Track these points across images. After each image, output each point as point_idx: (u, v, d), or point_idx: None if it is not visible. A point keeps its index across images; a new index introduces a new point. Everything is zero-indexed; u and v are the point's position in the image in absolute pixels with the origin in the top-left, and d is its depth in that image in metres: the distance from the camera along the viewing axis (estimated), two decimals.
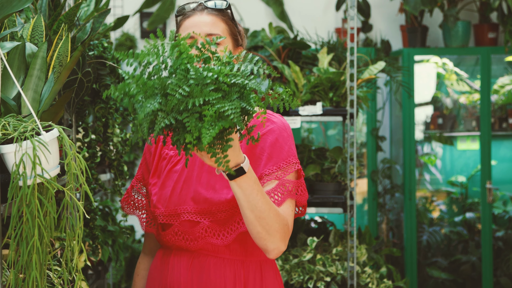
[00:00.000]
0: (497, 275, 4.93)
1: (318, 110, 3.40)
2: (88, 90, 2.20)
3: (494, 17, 5.02)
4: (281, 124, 1.96)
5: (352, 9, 3.39)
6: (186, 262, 1.94)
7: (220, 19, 1.97)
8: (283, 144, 1.92)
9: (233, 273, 1.92)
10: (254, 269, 1.95)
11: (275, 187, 1.86)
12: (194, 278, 1.93)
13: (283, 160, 1.89)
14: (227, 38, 1.96)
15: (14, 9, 1.68)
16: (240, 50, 2.03)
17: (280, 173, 1.88)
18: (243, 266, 1.94)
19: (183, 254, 1.96)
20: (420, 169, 5.46)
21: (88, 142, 2.62)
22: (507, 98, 5.12)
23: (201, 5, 1.99)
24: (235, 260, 1.94)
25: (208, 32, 1.94)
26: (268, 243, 1.79)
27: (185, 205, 1.93)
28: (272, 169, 1.88)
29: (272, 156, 1.90)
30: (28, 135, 1.54)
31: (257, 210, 1.74)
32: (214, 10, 1.98)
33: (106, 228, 3.25)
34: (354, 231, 3.35)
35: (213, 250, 1.93)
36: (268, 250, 1.81)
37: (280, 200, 1.86)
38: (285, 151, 1.91)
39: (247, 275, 1.94)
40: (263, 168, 1.89)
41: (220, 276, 1.92)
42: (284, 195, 1.87)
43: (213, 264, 1.93)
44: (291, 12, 5.21)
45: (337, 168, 3.40)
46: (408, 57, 4.82)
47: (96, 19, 2.18)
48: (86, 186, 1.62)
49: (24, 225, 1.54)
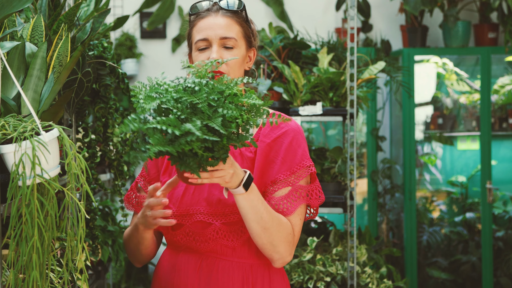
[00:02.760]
0: (497, 275, 4.93)
1: (318, 110, 3.39)
2: (88, 90, 2.20)
3: (494, 17, 5.02)
4: (295, 126, 1.96)
5: (352, 9, 3.39)
6: (194, 264, 1.93)
7: (235, 21, 1.96)
8: (297, 147, 1.93)
9: (241, 276, 1.92)
10: (262, 273, 1.95)
11: (288, 194, 1.89)
12: (202, 280, 1.92)
13: (297, 165, 1.90)
14: (240, 40, 1.96)
15: (14, 9, 1.68)
16: (253, 51, 2.02)
17: (293, 179, 1.90)
18: (251, 269, 1.94)
19: (191, 256, 1.95)
20: (420, 169, 5.45)
21: (88, 142, 2.62)
22: (507, 98, 5.12)
23: (215, 4, 1.97)
24: (243, 264, 1.93)
25: (223, 36, 1.93)
26: (273, 253, 1.86)
27: (198, 205, 1.92)
28: (286, 174, 1.90)
29: (285, 160, 1.91)
30: (27, 135, 1.54)
31: (262, 221, 1.80)
32: (228, 12, 1.96)
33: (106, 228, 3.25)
34: (354, 231, 3.35)
35: (222, 253, 1.93)
36: (273, 260, 1.88)
37: (291, 208, 1.89)
38: (299, 155, 1.92)
39: (255, 279, 1.94)
40: (277, 172, 1.90)
41: (228, 279, 1.91)
42: (296, 202, 1.89)
43: (221, 267, 1.92)
44: (291, 12, 5.21)
45: (337, 168, 3.40)
46: (408, 57, 4.82)
47: (96, 19, 2.18)
48: (87, 186, 1.62)
49: (23, 225, 1.54)
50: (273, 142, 1.93)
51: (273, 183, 1.90)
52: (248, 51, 2.00)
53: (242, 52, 1.96)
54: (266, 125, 1.95)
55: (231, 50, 1.93)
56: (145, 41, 5.25)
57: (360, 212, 5.10)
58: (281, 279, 1.99)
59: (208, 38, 1.93)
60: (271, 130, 1.94)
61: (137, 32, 5.25)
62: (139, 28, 5.25)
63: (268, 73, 3.61)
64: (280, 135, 1.93)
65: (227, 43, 1.93)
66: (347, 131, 3.39)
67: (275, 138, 1.93)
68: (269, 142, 1.93)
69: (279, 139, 1.92)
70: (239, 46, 1.95)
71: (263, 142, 1.93)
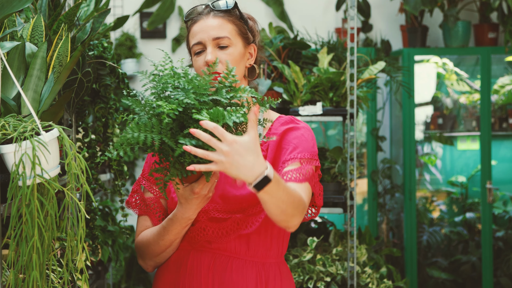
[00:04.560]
0: (497, 275, 4.93)
1: (318, 110, 3.39)
2: (88, 90, 2.20)
3: (494, 17, 5.02)
4: (306, 125, 1.99)
5: (352, 9, 3.39)
6: (207, 263, 1.93)
7: (227, 20, 1.96)
8: (309, 139, 1.95)
9: (255, 274, 1.93)
10: (274, 271, 1.96)
11: (297, 168, 1.86)
12: (215, 279, 1.92)
13: (308, 151, 1.91)
14: (235, 38, 1.95)
15: (14, 9, 1.68)
16: (252, 47, 2.02)
17: (304, 160, 1.89)
18: (264, 267, 1.95)
19: (203, 255, 1.94)
20: (420, 169, 5.45)
21: (88, 142, 2.62)
22: (507, 98, 5.12)
23: (207, 7, 1.98)
24: (256, 262, 1.94)
25: (215, 36, 1.93)
26: (289, 224, 1.80)
27: (213, 203, 1.92)
28: (297, 157, 1.88)
29: (297, 146, 1.91)
30: (27, 135, 1.54)
31: (283, 204, 1.73)
32: (220, 12, 1.96)
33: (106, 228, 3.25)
34: (354, 231, 3.35)
35: (235, 251, 1.93)
36: (288, 227, 1.82)
37: (301, 178, 1.86)
38: (310, 146, 1.93)
39: (268, 276, 1.95)
40: (288, 155, 1.90)
41: (243, 278, 1.92)
42: (303, 176, 1.86)
43: (235, 266, 1.92)
44: (291, 12, 5.21)
45: (337, 168, 3.40)
46: (408, 57, 4.82)
47: (96, 19, 2.18)
48: (87, 186, 1.62)
49: (23, 225, 1.54)
50: (284, 133, 1.94)
51: (283, 163, 1.89)
52: (247, 48, 2.00)
53: (239, 50, 1.96)
54: (276, 121, 1.97)
55: (226, 49, 1.93)
56: (145, 41, 5.25)
57: (360, 212, 5.10)
58: (290, 276, 2.02)
59: (202, 41, 1.94)
60: (282, 124, 1.97)
61: (137, 32, 5.25)
62: (139, 28, 5.24)
63: (268, 73, 3.61)
64: (293, 127, 1.95)
65: (221, 43, 1.93)
66: (347, 131, 3.39)
67: (287, 129, 1.94)
68: (281, 133, 1.94)
69: (291, 130, 1.94)
70: (234, 44, 1.94)
71: (274, 134, 1.95)
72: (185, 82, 1.66)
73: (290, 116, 2.02)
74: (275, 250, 1.97)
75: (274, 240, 1.96)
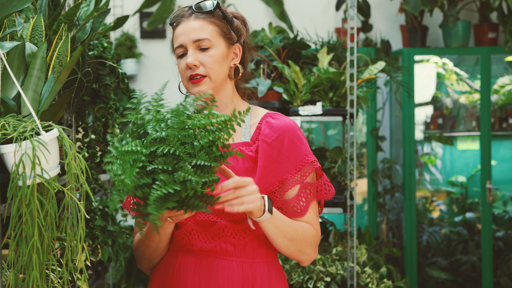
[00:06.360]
0: (497, 275, 4.93)
1: (318, 110, 3.39)
2: (88, 90, 2.20)
3: (494, 17, 5.02)
4: (291, 122, 1.97)
5: (352, 9, 3.39)
6: (194, 264, 1.93)
7: (208, 21, 1.95)
8: (299, 144, 1.94)
9: (241, 275, 1.92)
10: (262, 270, 1.95)
11: (298, 193, 1.93)
12: (201, 279, 1.92)
13: (301, 161, 1.92)
14: (217, 39, 1.94)
15: (14, 9, 1.68)
16: (237, 47, 2.01)
17: (300, 176, 1.93)
18: (251, 267, 1.94)
19: (190, 256, 1.94)
20: (420, 169, 5.45)
21: (88, 142, 2.62)
22: (507, 98, 5.11)
23: (190, 9, 1.97)
24: (243, 262, 1.93)
25: (195, 38, 1.92)
26: (301, 257, 1.94)
27: None
28: (292, 173, 1.92)
29: (289, 158, 1.92)
30: (27, 135, 1.54)
31: (288, 235, 1.86)
32: (201, 14, 1.95)
33: (106, 228, 3.25)
34: (354, 231, 3.35)
35: (222, 253, 1.92)
36: (302, 261, 1.95)
37: (305, 206, 1.93)
38: (302, 151, 1.94)
39: (255, 277, 1.93)
40: (283, 172, 1.92)
41: (228, 279, 1.91)
42: (308, 199, 1.93)
43: (221, 266, 1.92)
44: (291, 12, 5.21)
45: (337, 168, 3.40)
46: (408, 57, 4.82)
47: (96, 19, 2.18)
48: (87, 186, 1.62)
49: (23, 225, 1.54)
50: (274, 142, 1.93)
51: (281, 184, 1.91)
52: (231, 48, 1.98)
53: (221, 51, 1.95)
54: (265, 125, 1.95)
55: (207, 51, 1.93)
56: (145, 41, 5.25)
57: (360, 212, 5.10)
58: (280, 277, 2.00)
59: (183, 44, 1.93)
60: (271, 129, 1.94)
61: (137, 32, 5.25)
62: (139, 28, 5.25)
63: (268, 73, 3.61)
64: (280, 133, 1.93)
65: (201, 45, 1.93)
66: (347, 131, 3.39)
67: (275, 137, 1.93)
68: (271, 141, 1.93)
69: (279, 138, 1.93)
70: (215, 45, 1.93)
71: (264, 142, 1.93)
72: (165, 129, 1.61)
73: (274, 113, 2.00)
74: (263, 250, 1.95)
75: (262, 241, 1.95)
